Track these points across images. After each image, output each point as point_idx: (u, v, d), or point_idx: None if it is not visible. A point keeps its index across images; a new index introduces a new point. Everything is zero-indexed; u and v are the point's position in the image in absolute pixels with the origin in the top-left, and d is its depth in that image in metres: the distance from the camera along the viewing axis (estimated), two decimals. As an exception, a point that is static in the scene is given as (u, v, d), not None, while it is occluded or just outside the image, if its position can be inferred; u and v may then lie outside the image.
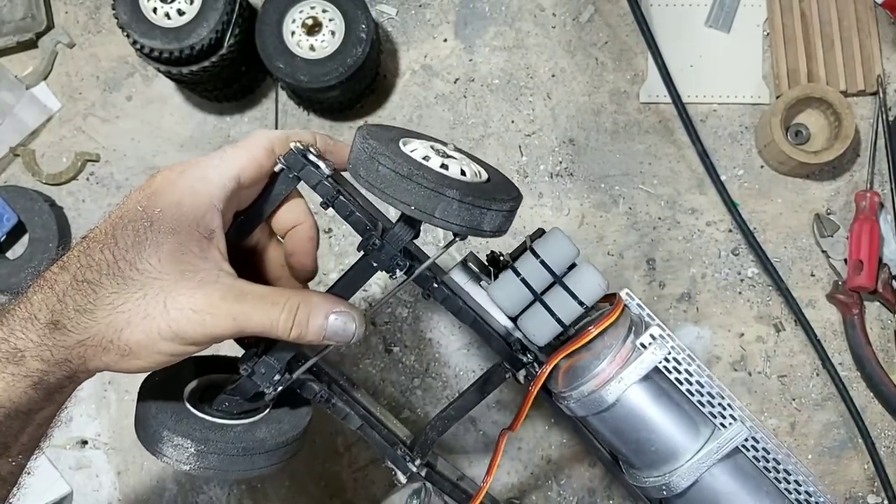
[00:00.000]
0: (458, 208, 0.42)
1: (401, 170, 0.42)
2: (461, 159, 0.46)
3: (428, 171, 0.43)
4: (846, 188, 0.82)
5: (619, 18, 0.85)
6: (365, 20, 0.76)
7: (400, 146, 0.45)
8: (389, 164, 0.42)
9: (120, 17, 0.74)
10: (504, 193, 0.44)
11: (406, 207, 0.42)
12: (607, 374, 0.48)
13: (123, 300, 0.40)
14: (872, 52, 0.83)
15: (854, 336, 0.78)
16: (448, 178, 0.43)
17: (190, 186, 0.42)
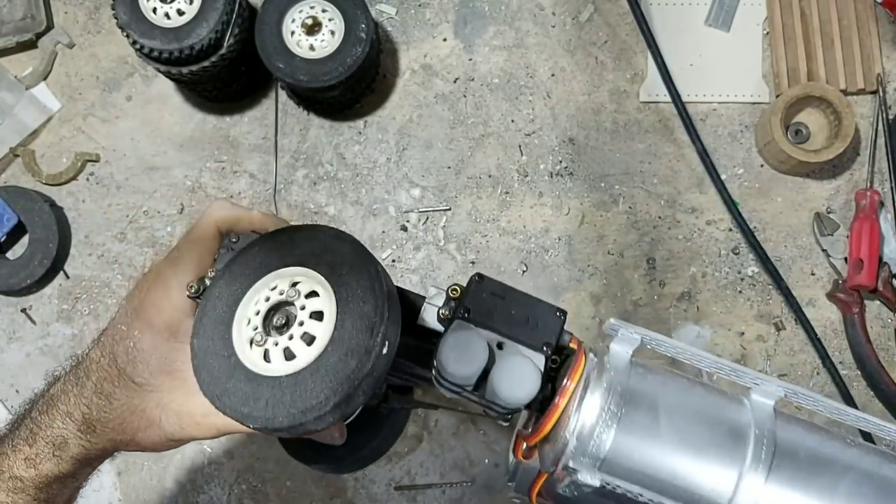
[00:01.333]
0: (266, 430, 0.39)
1: (212, 391, 0.39)
2: (299, 319, 0.40)
3: (235, 385, 0.39)
4: (846, 187, 0.82)
5: (618, 17, 0.85)
6: (365, 20, 0.76)
7: (232, 325, 0.41)
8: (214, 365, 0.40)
9: (119, 18, 0.74)
10: (330, 379, 0.37)
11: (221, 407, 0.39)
12: (585, 412, 0.38)
13: (131, 411, 0.45)
14: (872, 50, 0.83)
15: (854, 335, 0.78)
16: (255, 392, 0.38)
17: (155, 305, 0.45)
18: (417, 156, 0.84)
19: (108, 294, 0.82)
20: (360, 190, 0.83)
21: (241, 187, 0.84)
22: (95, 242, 0.83)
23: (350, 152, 0.84)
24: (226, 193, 0.84)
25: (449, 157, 0.83)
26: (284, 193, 0.83)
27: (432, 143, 0.84)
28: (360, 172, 0.84)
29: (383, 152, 0.84)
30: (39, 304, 0.82)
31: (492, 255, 0.81)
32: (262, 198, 0.83)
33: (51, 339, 0.82)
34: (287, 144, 0.84)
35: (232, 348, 0.40)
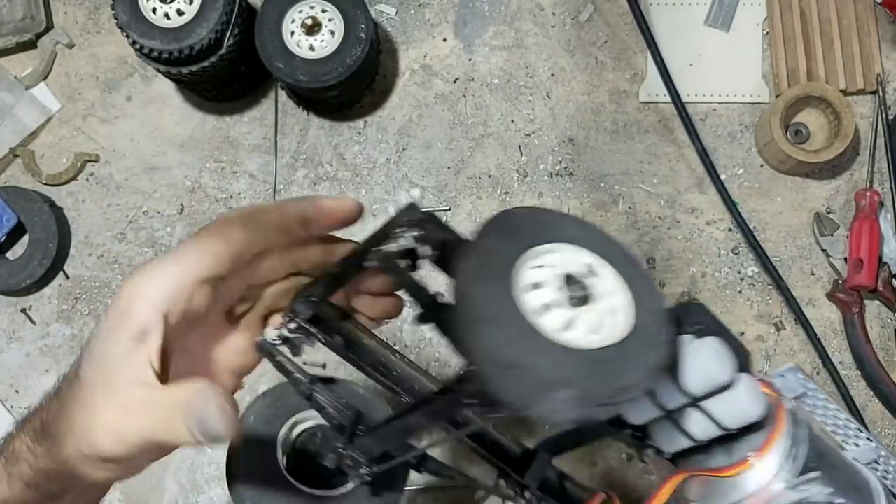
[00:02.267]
0: (568, 407, 0.31)
1: (505, 355, 0.31)
2: (599, 294, 0.34)
3: (539, 349, 0.31)
4: (846, 187, 0.82)
5: (618, 17, 0.85)
6: (364, 20, 0.76)
7: (513, 283, 0.33)
8: (498, 335, 0.31)
9: (119, 18, 0.74)
10: (642, 362, 0.33)
11: (506, 398, 0.31)
12: (764, 498, 0.37)
13: (64, 411, 0.38)
14: (872, 50, 0.83)
15: (854, 335, 0.78)
16: (564, 361, 0.31)
17: (136, 286, 0.37)
18: (417, 156, 0.84)
19: (108, 294, 0.82)
20: (359, 190, 0.83)
21: (241, 187, 0.84)
22: (95, 243, 0.83)
23: (350, 152, 0.84)
24: (226, 193, 0.84)
25: (449, 157, 0.83)
26: (284, 193, 0.83)
27: (432, 144, 0.84)
28: (359, 172, 0.84)
29: (383, 152, 0.84)
30: (39, 305, 0.82)
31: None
32: (262, 198, 0.83)
33: (51, 340, 0.82)
34: (287, 144, 0.84)
35: (520, 310, 0.32)
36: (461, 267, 0.33)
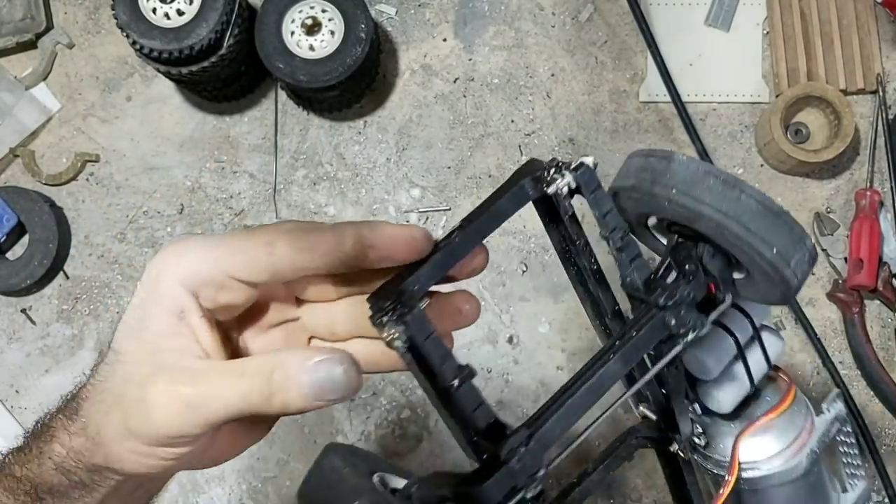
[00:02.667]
0: (809, 262, 0.37)
1: (771, 205, 0.35)
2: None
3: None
4: (846, 187, 0.82)
5: (618, 17, 0.85)
6: (364, 20, 0.76)
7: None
8: (755, 193, 0.35)
9: (119, 18, 0.74)
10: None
11: (768, 249, 0.36)
12: (799, 444, 0.44)
13: (111, 388, 0.36)
14: (872, 50, 0.83)
15: (854, 334, 0.78)
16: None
17: (165, 261, 0.36)
18: (417, 156, 0.84)
19: (108, 294, 0.82)
20: (359, 190, 0.83)
21: (241, 187, 0.84)
22: (95, 243, 0.83)
23: (350, 152, 0.84)
24: (226, 193, 0.84)
25: (449, 157, 0.83)
26: (284, 193, 0.83)
27: (432, 143, 0.84)
28: (359, 172, 0.84)
29: (383, 152, 0.84)
30: (39, 305, 0.82)
31: (492, 255, 0.81)
32: (263, 198, 0.83)
33: (51, 340, 0.82)
34: (287, 144, 0.84)
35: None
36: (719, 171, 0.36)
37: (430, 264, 0.34)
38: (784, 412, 0.44)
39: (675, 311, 0.37)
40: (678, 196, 0.36)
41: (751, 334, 0.43)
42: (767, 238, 0.35)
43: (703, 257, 0.39)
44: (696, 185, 0.36)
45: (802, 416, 0.45)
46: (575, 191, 0.36)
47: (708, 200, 0.36)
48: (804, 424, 0.44)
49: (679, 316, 0.37)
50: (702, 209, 0.36)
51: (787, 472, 0.44)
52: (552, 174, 0.35)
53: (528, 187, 0.36)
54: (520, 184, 0.35)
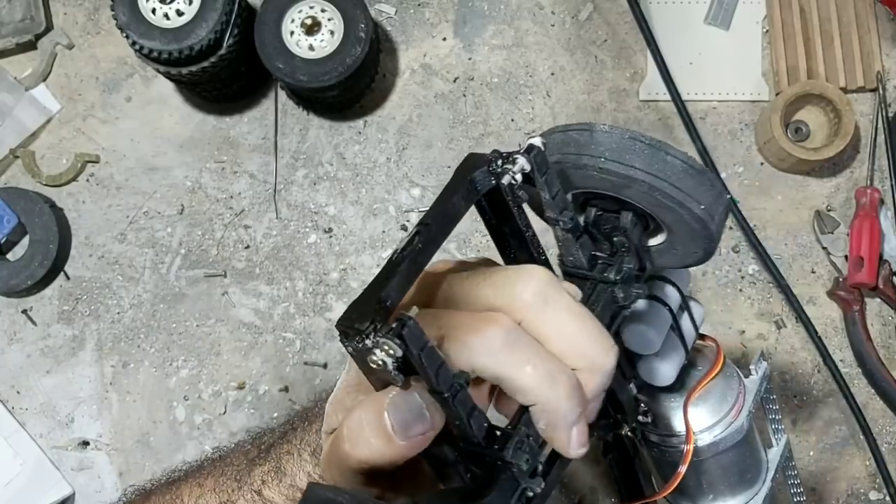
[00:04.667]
0: (726, 213, 0.38)
1: (694, 164, 0.36)
2: None
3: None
4: (846, 185, 0.82)
5: (618, 16, 0.85)
6: (364, 19, 0.76)
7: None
8: (679, 154, 0.37)
9: (119, 18, 0.74)
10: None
11: (696, 205, 0.37)
12: (737, 409, 0.46)
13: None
14: (872, 48, 0.83)
15: (855, 332, 0.78)
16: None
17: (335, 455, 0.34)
18: (417, 155, 0.84)
19: (109, 295, 0.82)
20: (360, 190, 0.83)
21: (241, 187, 0.84)
22: (96, 243, 0.83)
23: (350, 152, 0.84)
24: (226, 194, 0.84)
25: (449, 157, 0.83)
26: (284, 193, 0.83)
27: (432, 143, 0.84)
28: (360, 172, 0.84)
29: (383, 152, 0.84)
30: (40, 306, 0.82)
31: (493, 255, 0.81)
32: (263, 198, 0.83)
33: (51, 340, 0.82)
34: (287, 144, 0.84)
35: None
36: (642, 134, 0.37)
37: (399, 276, 0.31)
38: (719, 375, 0.46)
39: (623, 284, 0.38)
40: (608, 164, 0.37)
41: (679, 303, 0.45)
42: (695, 195, 0.37)
43: (627, 227, 0.40)
44: (624, 151, 0.37)
45: (735, 380, 0.47)
46: (527, 176, 0.35)
47: (638, 165, 0.36)
48: (738, 388, 0.46)
49: (626, 289, 0.38)
50: (632, 173, 0.36)
51: (731, 435, 0.45)
52: (502, 165, 0.35)
53: (479, 181, 0.35)
54: (469, 179, 0.34)
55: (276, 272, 0.82)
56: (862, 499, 0.78)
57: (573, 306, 0.33)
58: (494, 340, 0.31)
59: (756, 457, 0.49)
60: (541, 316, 0.32)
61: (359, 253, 0.82)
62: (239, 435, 0.79)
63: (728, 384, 0.46)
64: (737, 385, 0.47)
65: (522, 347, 0.32)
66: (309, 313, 0.81)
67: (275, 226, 0.83)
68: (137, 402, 0.80)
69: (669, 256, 0.42)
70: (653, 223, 0.40)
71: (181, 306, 0.82)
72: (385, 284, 0.31)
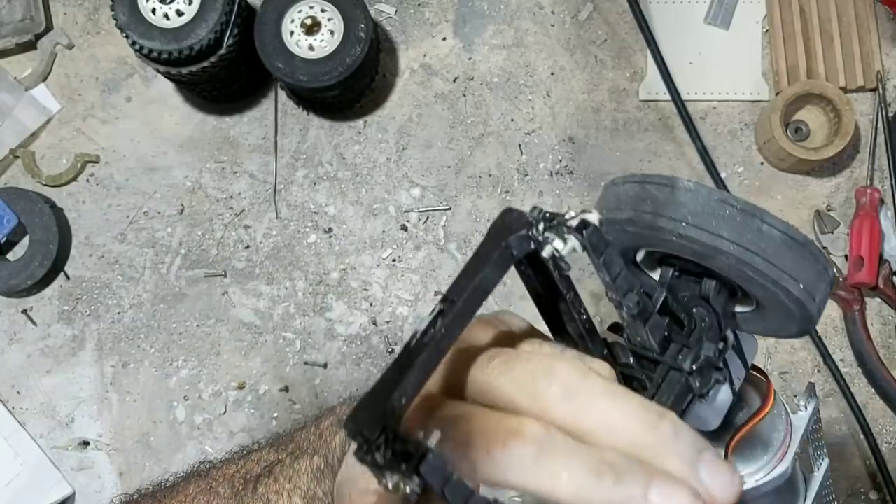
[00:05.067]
0: (828, 290, 0.33)
1: (796, 236, 0.31)
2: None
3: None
4: (846, 184, 0.82)
5: (617, 16, 0.85)
6: (364, 19, 0.76)
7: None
8: (777, 223, 0.31)
9: (119, 18, 0.74)
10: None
11: (795, 285, 0.31)
12: (785, 447, 0.42)
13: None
14: (872, 48, 0.83)
15: (855, 332, 0.78)
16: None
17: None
18: (417, 155, 0.84)
19: (109, 295, 0.82)
20: (360, 190, 0.83)
21: (241, 187, 0.84)
22: (96, 243, 0.83)
23: (350, 152, 0.84)
24: (226, 194, 0.84)
25: (449, 157, 0.83)
26: (284, 193, 0.83)
27: (432, 143, 0.84)
28: (360, 172, 0.84)
29: (383, 152, 0.84)
30: (40, 306, 0.82)
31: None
32: (263, 198, 0.83)
33: (52, 341, 0.82)
34: (287, 144, 0.84)
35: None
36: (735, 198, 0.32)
37: (417, 368, 0.27)
38: (766, 416, 0.42)
39: (701, 375, 0.33)
40: (690, 230, 0.32)
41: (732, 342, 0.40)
42: (794, 273, 0.32)
43: (709, 296, 0.35)
44: (711, 216, 0.31)
45: (783, 419, 0.43)
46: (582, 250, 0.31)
47: (726, 234, 0.31)
48: (785, 428, 0.42)
49: (703, 377, 0.33)
50: (719, 244, 0.31)
51: (775, 480, 0.42)
52: (543, 233, 0.30)
53: (515, 247, 0.30)
54: (504, 245, 0.29)
55: (276, 272, 0.82)
56: (862, 499, 0.77)
57: (607, 390, 0.28)
58: (524, 456, 0.27)
59: (795, 492, 0.45)
60: (573, 413, 0.28)
61: (359, 253, 0.82)
62: (239, 436, 0.79)
63: (775, 425, 0.42)
64: (783, 426, 0.42)
65: (556, 456, 0.27)
66: (309, 313, 0.81)
67: (275, 226, 0.83)
68: (137, 402, 0.80)
69: (756, 325, 0.37)
70: (741, 291, 0.35)
71: (181, 306, 0.82)
72: (400, 381, 0.27)
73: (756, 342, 0.41)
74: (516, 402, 0.29)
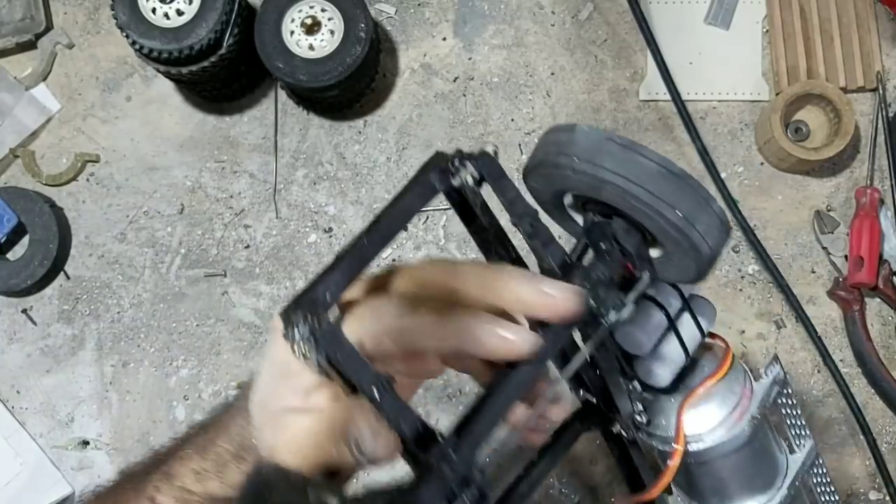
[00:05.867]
0: (719, 227, 0.37)
1: (672, 167, 0.36)
2: None
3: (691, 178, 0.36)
4: (846, 184, 0.82)
5: (618, 16, 0.85)
6: (364, 19, 0.76)
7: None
8: (654, 156, 0.36)
9: (119, 18, 0.74)
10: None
11: (671, 211, 0.36)
12: (741, 411, 0.45)
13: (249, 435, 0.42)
14: (872, 48, 0.83)
15: (855, 332, 0.78)
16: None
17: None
18: (417, 155, 0.84)
19: (109, 294, 0.82)
20: (360, 189, 0.83)
21: (241, 187, 0.84)
22: (96, 243, 0.83)
23: (350, 152, 0.84)
24: (226, 193, 0.84)
25: (449, 157, 0.83)
26: (284, 193, 0.83)
27: (432, 143, 0.84)
28: (360, 172, 0.84)
29: (383, 152, 0.84)
30: (40, 305, 0.82)
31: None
32: (263, 197, 0.83)
33: (51, 340, 0.82)
34: (287, 144, 0.84)
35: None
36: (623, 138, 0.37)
37: (340, 270, 0.33)
38: (723, 378, 0.45)
39: (593, 292, 0.37)
40: (580, 164, 0.37)
41: (681, 305, 0.44)
42: (672, 201, 0.35)
43: (617, 234, 0.39)
44: (598, 152, 0.36)
45: (741, 383, 0.45)
46: (480, 180, 0.37)
47: (609, 167, 0.36)
48: (743, 391, 0.45)
49: (598, 297, 0.37)
50: (604, 175, 0.36)
51: (732, 440, 0.44)
52: (457, 165, 0.36)
53: (435, 180, 0.36)
54: (425, 178, 0.36)
55: (276, 272, 0.82)
56: (862, 499, 0.78)
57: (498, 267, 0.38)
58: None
59: (769, 462, 0.48)
60: (481, 283, 0.37)
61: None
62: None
63: (732, 388, 0.45)
64: (740, 389, 0.45)
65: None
66: (309, 313, 0.81)
67: (275, 225, 0.83)
68: (137, 402, 0.80)
69: (671, 269, 0.41)
70: (650, 235, 0.39)
71: (181, 306, 0.82)
72: (324, 278, 0.33)
73: (713, 309, 0.46)
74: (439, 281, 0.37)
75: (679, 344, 0.44)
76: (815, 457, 0.50)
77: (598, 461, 0.78)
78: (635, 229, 0.39)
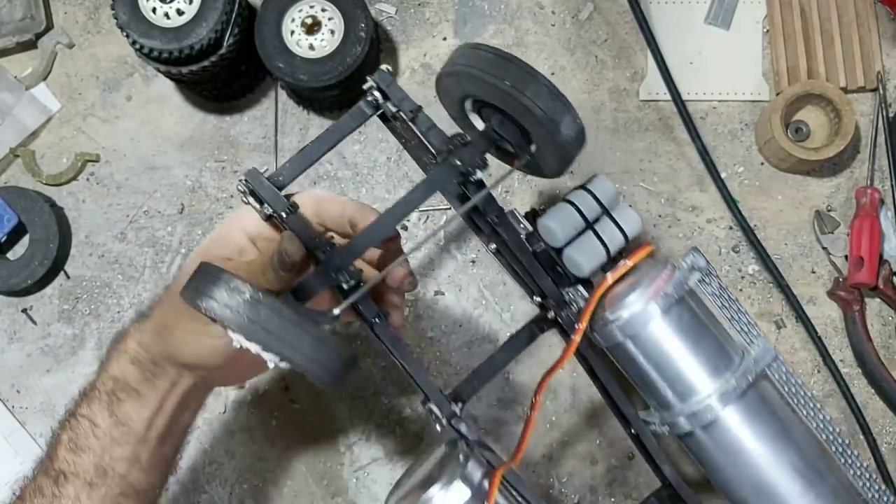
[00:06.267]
0: (548, 94, 0.51)
1: (501, 52, 0.51)
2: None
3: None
4: (846, 185, 0.82)
5: (618, 16, 0.85)
6: (364, 19, 0.76)
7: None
8: (490, 48, 0.51)
9: (119, 18, 0.74)
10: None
11: (502, 83, 0.49)
12: (655, 289, 0.51)
13: (166, 294, 0.53)
14: (872, 48, 0.83)
15: (855, 332, 0.78)
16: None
17: (235, 219, 0.56)
18: (417, 155, 0.84)
19: (109, 294, 0.82)
20: (360, 189, 0.83)
21: (241, 187, 0.84)
22: (96, 242, 0.83)
23: (350, 151, 0.84)
24: (226, 193, 0.84)
25: (449, 156, 0.83)
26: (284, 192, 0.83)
27: (432, 143, 0.84)
28: (360, 172, 0.84)
29: (383, 151, 0.84)
30: (40, 305, 0.82)
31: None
32: (263, 197, 0.83)
33: (52, 340, 0.82)
34: (287, 144, 0.84)
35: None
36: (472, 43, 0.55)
37: (292, 163, 0.52)
38: (639, 266, 0.53)
39: (459, 156, 0.52)
40: (448, 66, 0.53)
41: (598, 212, 0.56)
42: (499, 74, 0.50)
43: (497, 127, 0.54)
44: (459, 55, 0.53)
45: (659, 270, 0.53)
46: (385, 95, 0.52)
47: (461, 61, 0.52)
48: (660, 276, 0.52)
49: (462, 157, 0.52)
50: (460, 69, 0.52)
51: (647, 312, 0.51)
52: (374, 93, 0.52)
53: (364, 106, 0.53)
54: (357, 106, 0.53)
55: (276, 271, 0.82)
56: (862, 499, 0.78)
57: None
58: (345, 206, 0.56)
59: (711, 348, 0.53)
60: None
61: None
62: (238, 435, 0.79)
63: (649, 273, 0.53)
64: (658, 275, 0.52)
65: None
66: (309, 313, 0.81)
67: (275, 225, 0.83)
68: (137, 402, 0.80)
69: (545, 161, 0.56)
70: (524, 129, 0.54)
71: (181, 306, 0.82)
72: (280, 169, 0.52)
73: (636, 217, 0.57)
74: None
75: (598, 240, 0.55)
76: (772, 358, 0.53)
77: (598, 461, 0.78)
78: (510, 122, 0.53)
